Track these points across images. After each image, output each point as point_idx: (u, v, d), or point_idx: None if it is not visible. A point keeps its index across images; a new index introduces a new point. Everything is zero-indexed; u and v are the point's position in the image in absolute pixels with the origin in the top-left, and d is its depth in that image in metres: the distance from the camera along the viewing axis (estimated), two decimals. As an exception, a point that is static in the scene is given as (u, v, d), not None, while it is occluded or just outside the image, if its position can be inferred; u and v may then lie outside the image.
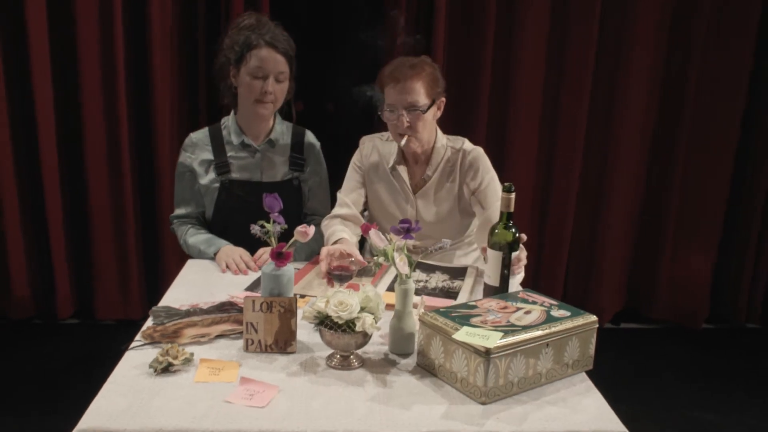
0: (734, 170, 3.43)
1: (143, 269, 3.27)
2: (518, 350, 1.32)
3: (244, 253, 2.08)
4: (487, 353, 1.28)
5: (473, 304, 1.50)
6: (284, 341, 1.49)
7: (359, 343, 1.43)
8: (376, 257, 1.53)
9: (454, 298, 1.81)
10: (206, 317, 1.60)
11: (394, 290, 1.56)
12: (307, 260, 2.15)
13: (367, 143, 2.24)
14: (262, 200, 1.61)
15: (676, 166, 3.37)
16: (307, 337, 1.57)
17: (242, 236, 2.04)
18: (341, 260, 1.77)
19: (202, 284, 1.92)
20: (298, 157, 2.26)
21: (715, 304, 3.62)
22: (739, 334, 3.58)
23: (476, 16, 3.10)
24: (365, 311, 1.42)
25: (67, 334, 3.23)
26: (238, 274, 2.01)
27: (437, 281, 1.94)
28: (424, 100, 1.98)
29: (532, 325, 1.38)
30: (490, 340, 1.29)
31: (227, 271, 2.03)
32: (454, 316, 1.41)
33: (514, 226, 1.66)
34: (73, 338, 3.19)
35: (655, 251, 3.51)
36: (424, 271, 2.01)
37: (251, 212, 1.70)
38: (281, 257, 1.55)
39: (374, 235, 1.53)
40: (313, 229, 1.63)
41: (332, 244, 1.93)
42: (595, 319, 1.47)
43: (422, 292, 1.81)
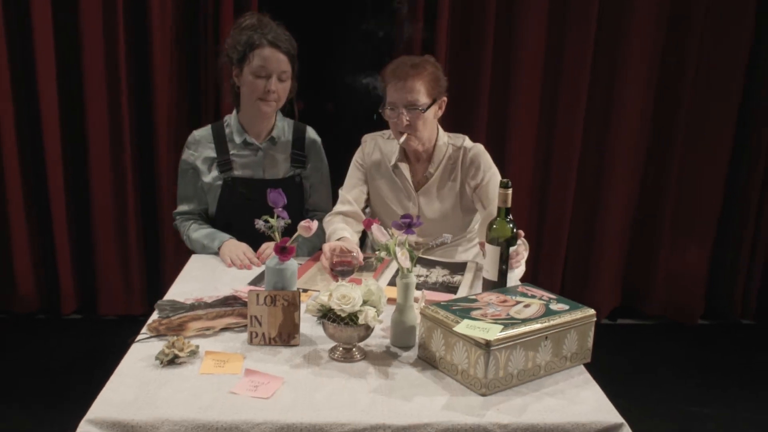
0: (729, 168, 3.45)
1: (144, 266, 3.30)
2: (518, 343, 1.34)
3: (247, 249, 2.10)
4: (487, 345, 1.30)
5: (473, 297, 1.52)
6: (288, 334, 1.51)
7: (361, 335, 1.44)
8: (378, 251, 1.54)
9: (454, 292, 1.82)
10: (210, 311, 1.62)
11: (395, 285, 1.58)
12: (309, 255, 2.17)
13: (369, 141, 2.25)
14: (264, 197, 1.62)
15: (671, 163, 3.40)
16: (310, 330, 1.59)
17: (245, 233, 2.06)
18: (342, 256, 1.79)
19: (206, 279, 1.94)
20: (299, 153, 2.28)
21: (710, 300, 3.64)
22: (734, 329, 3.60)
23: (476, 16, 3.11)
24: (367, 304, 1.44)
25: (70, 328, 3.26)
26: (243, 268, 2.03)
27: (437, 276, 1.95)
28: (424, 99, 1.99)
29: (531, 318, 1.40)
30: (490, 332, 1.31)
31: (233, 266, 2.05)
32: (454, 309, 1.43)
33: (511, 221, 1.67)
34: (76, 333, 3.22)
35: (651, 248, 3.53)
36: (424, 266, 2.02)
37: (254, 209, 1.71)
38: (285, 251, 1.56)
39: (376, 229, 1.55)
40: (316, 224, 1.64)
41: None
42: (593, 312, 1.49)
43: (422, 286, 1.82)
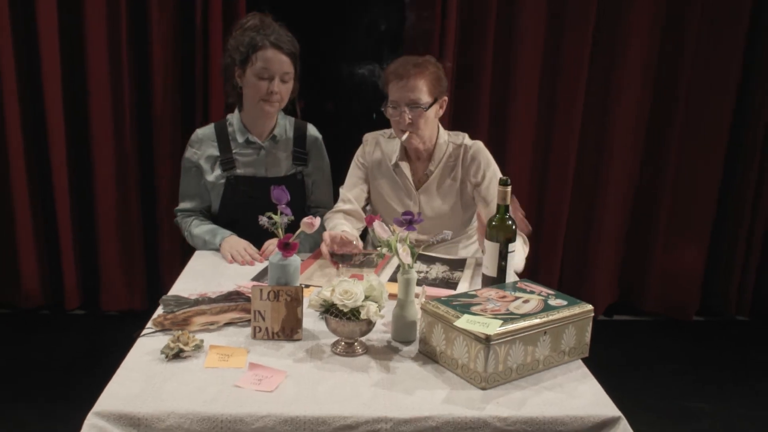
0: (725, 166, 3.47)
1: (146, 263, 3.32)
2: (517, 337, 1.36)
3: (248, 245, 2.11)
4: (487, 340, 1.31)
5: (473, 293, 1.53)
6: (291, 329, 1.53)
7: (363, 330, 1.46)
8: (379, 248, 1.55)
9: (453, 288, 1.84)
10: (214, 306, 1.63)
11: (395, 281, 1.59)
12: (310, 252, 2.18)
13: (370, 140, 2.26)
14: (267, 195, 1.64)
15: (668, 162, 3.41)
16: (312, 325, 1.61)
17: (248, 230, 2.08)
18: (342, 246, 1.81)
19: (209, 275, 1.95)
20: (300, 151, 2.29)
21: (705, 296, 3.66)
22: (729, 326, 3.62)
23: (478, 16, 3.13)
24: (369, 300, 1.45)
25: (74, 324, 3.29)
26: (244, 264, 2.05)
27: (437, 272, 1.97)
28: (426, 98, 2.00)
29: (530, 313, 1.42)
30: (490, 327, 1.33)
31: (234, 262, 2.06)
32: (455, 304, 1.45)
33: (510, 218, 1.69)
34: (79, 328, 3.25)
35: (647, 245, 3.55)
36: (424, 262, 2.04)
37: (257, 207, 1.72)
38: (288, 248, 1.58)
39: (378, 226, 1.56)
40: (318, 220, 1.66)
41: None
42: (590, 308, 1.51)
43: (422, 282, 1.84)
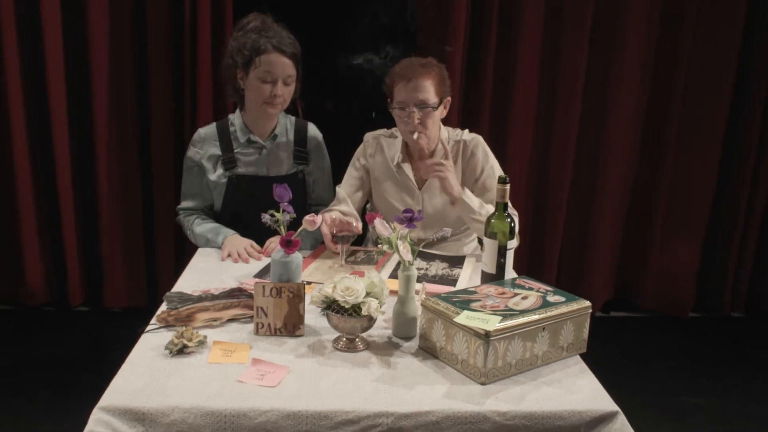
0: (720, 165, 3.49)
1: (149, 260, 3.35)
2: (516, 333, 1.38)
3: (251, 244, 2.11)
4: (486, 336, 1.33)
5: (473, 290, 1.55)
6: (293, 325, 1.55)
7: (364, 326, 1.48)
8: (380, 245, 1.56)
9: (453, 285, 1.86)
10: (218, 302, 1.65)
11: (396, 277, 1.61)
12: (311, 249, 2.20)
13: (371, 140, 2.26)
14: (268, 194, 1.66)
15: (664, 160, 3.44)
16: (314, 321, 1.62)
17: (250, 229, 2.10)
18: (342, 226, 1.82)
19: (212, 272, 1.97)
20: (301, 150, 2.30)
21: (701, 293, 3.69)
22: (724, 322, 3.64)
23: (483, 17, 3.15)
24: (370, 296, 1.47)
25: (77, 320, 3.31)
26: (238, 261, 2.04)
27: (437, 269, 1.99)
28: (433, 98, 2.02)
29: (529, 309, 1.43)
30: (489, 323, 1.34)
31: (227, 258, 2.06)
32: (455, 301, 1.46)
33: (509, 216, 1.70)
34: (83, 324, 3.28)
35: (644, 243, 3.57)
36: (424, 259, 2.06)
37: (259, 206, 1.73)
38: (290, 245, 1.60)
39: (379, 224, 1.57)
40: (320, 218, 1.67)
41: None
42: (588, 304, 1.53)
43: (422, 279, 1.85)
